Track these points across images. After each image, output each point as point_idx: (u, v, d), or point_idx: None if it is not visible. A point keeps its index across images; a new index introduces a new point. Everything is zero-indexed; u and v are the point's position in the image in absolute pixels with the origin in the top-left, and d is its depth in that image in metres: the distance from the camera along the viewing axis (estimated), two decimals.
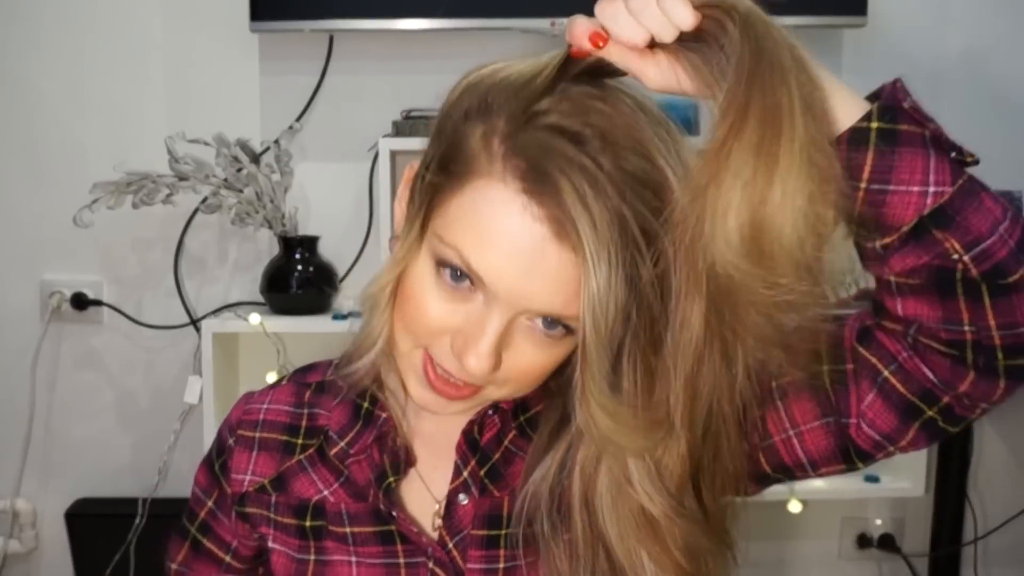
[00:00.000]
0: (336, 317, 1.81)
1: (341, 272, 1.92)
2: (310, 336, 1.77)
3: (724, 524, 0.76)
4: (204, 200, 1.82)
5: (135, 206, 1.74)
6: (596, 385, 0.65)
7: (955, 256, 0.62)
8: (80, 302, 1.97)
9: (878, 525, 2.09)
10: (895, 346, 0.69)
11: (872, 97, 0.65)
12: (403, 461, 0.81)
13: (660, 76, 0.64)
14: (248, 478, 0.85)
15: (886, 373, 0.69)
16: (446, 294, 0.68)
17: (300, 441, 0.85)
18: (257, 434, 0.86)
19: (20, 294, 1.99)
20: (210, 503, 0.89)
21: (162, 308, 1.99)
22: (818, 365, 0.70)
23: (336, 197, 1.96)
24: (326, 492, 0.82)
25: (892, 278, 0.66)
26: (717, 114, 0.58)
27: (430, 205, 0.68)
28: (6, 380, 2.00)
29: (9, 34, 1.94)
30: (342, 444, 0.83)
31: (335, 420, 0.85)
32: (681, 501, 0.71)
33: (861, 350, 0.70)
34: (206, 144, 1.78)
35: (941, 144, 0.63)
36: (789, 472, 0.75)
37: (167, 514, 1.91)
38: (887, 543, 2.08)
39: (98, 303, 1.98)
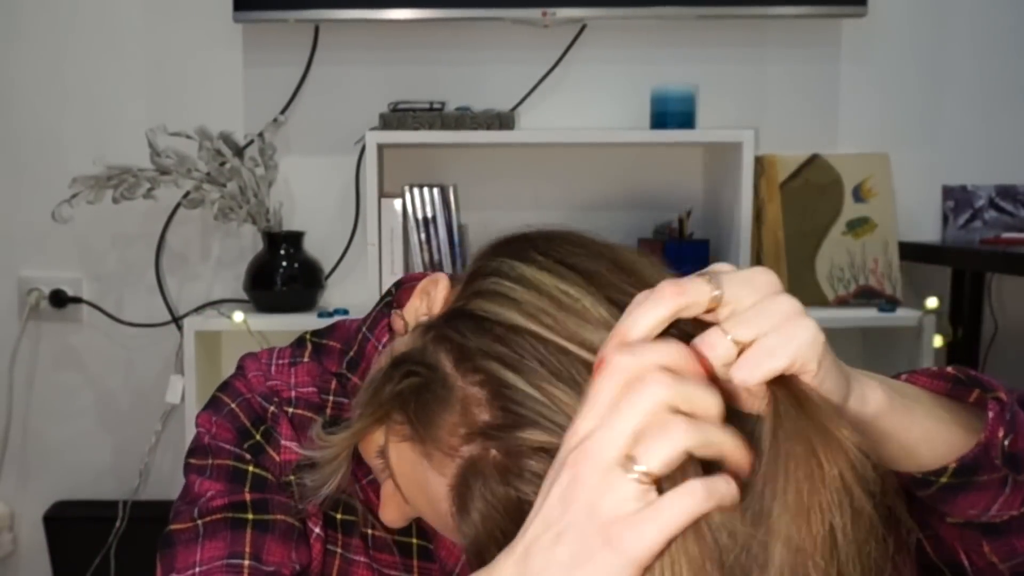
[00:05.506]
0: (322, 315, 1.78)
1: (327, 269, 1.89)
2: (295, 335, 1.71)
3: None
4: (186, 195, 1.79)
5: (115, 201, 1.72)
6: None
7: (993, 560, 0.58)
8: (59, 300, 1.94)
9: None
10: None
11: (967, 381, 0.58)
12: None
13: None
14: (296, 447, 0.77)
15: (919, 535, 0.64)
16: None
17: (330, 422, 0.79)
18: (292, 410, 0.80)
19: None
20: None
21: (143, 306, 1.95)
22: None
23: (322, 192, 1.93)
24: (360, 483, 0.77)
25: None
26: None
27: (402, 401, 0.61)
28: None
29: None
30: None
31: None
32: None
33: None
34: (188, 137, 1.76)
35: None
36: None
37: (148, 517, 1.89)
38: None
39: (77, 301, 1.94)
